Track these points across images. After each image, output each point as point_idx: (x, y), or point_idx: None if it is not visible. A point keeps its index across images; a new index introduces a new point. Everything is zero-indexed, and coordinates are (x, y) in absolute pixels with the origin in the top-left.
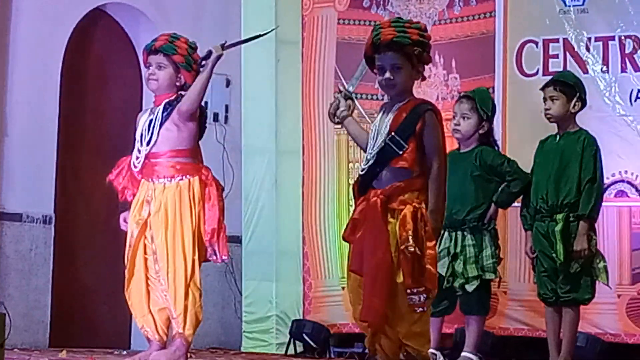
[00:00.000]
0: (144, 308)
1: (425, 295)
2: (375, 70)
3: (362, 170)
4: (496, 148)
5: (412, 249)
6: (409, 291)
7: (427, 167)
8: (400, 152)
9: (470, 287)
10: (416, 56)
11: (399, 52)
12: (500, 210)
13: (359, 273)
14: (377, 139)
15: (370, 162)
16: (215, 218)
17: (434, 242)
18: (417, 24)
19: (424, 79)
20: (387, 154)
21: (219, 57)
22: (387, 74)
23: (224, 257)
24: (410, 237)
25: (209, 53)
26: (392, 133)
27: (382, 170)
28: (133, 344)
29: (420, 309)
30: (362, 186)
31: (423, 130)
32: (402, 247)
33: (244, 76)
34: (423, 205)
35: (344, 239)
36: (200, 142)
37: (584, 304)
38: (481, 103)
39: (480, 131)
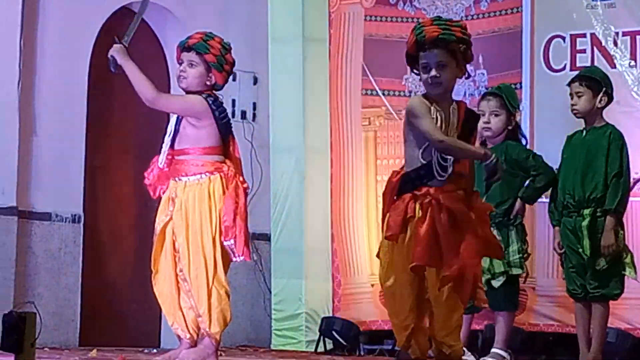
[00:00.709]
0: (175, 306)
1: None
2: (415, 69)
3: (441, 177)
4: (524, 142)
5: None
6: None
7: (470, 169)
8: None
9: (496, 283)
10: (461, 53)
11: (445, 49)
12: (528, 205)
13: (420, 270)
14: None
15: (450, 169)
16: (230, 215)
17: None
18: (458, 22)
19: (468, 76)
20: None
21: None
22: (433, 72)
23: (241, 257)
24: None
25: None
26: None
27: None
28: (163, 342)
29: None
30: (410, 184)
31: (475, 141)
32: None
33: (271, 74)
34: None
35: (389, 238)
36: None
37: (613, 300)
38: (510, 98)
39: (509, 127)
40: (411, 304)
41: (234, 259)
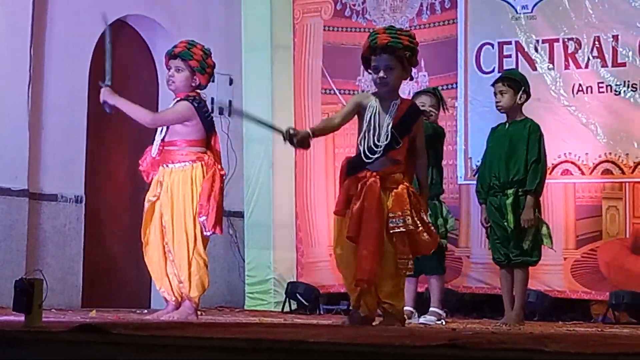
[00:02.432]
0: (162, 272)
1: (412, 262)
2: (369, 70)
3: (368, 159)
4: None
5: (411, 228)
6: (401, 258)
7: (411, 158)
8: (397, 147)
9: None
10: (407, 59)
11: (393, 54)
12: (462, 186)
13: (355, 240)
14: (380, 132)
15: (379, 153)
16: (204, 196)
17: (426, 213)
18: (407, 32)
19: (411, 78)
20: (387, 147)
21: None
22: (381, 73)
23: (211, 231)
24: (407, 217)
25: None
26: (393, 130)
27: (380, 158)
28: (153, 304)
29: (407, 272)
30: (355, 168)
31: (417, 133)
32: (391, 226)
33: (244, 76)
34: (410, 185)
35: (336, 213)
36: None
37: (532, 265)
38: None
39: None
40: (355, 270)
41: (205, 233)
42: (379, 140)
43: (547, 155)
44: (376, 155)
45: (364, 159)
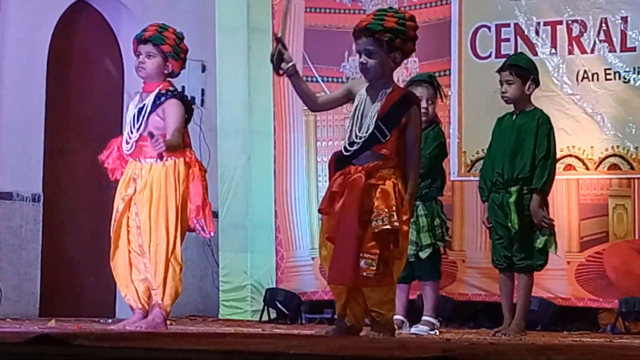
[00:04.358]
0: (127, 278)
1: (375, 264)
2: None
3: (347, 152)
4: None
5: (396, 225)
6: (365, 256)
7: (404, 153)
8: (384, 141)
9: (423, 255)
10: (387, 42)
11: (371, 37)
12: (455, 182)
13: (335, 241)
14: (362, 122)
15: (357, 145)
16: (200, 196)
17: (408, 216)
18: (401, 14)
19: (398, 65)
20: (372, 139)
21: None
22: (362, 58)
23: (211, 233)
24: (394, 214)
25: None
26: (379, 121)
27: (364, 152)
28: (118, 312)
29: (369, 274)
30: (341, 163)
31: (407, 124)
32: (377, 224)
33: (218, 62)
34: (400, 181)
35: (320, 211)
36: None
37: (537, 270)
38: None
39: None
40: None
41: (206, 236)
42: (360, 131)
43: (556, 151)
44: (355, 148)
45: (344, 152)
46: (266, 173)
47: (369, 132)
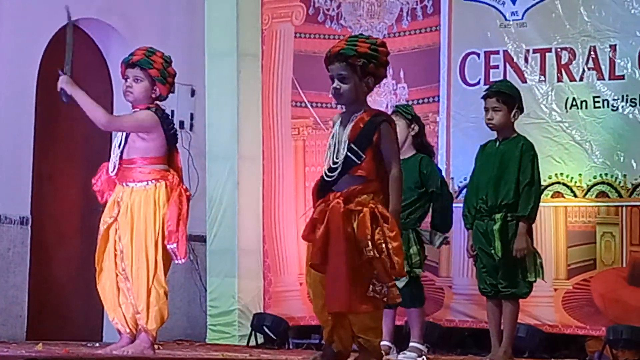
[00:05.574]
0: (115, 302)
1: (387, 287)
2: None
3: (328, 177)
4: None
5: (371, 254)
6: (373, 283)
7: (384, 172)
8: (359, 162)
9: (400, 284)
10: (360, 67)
11: (344, 62)
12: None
13: (320, 269)
14: (338, 148)
15: (337, 171)
16: (173, 221)
17: (395, 232)
18: (373, 40)
19: (371, 90)
20: (347, 163)
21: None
22: (335, 84)
23: (182, 259)
24: (369, 242)
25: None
26: (351, 144)
27: (342, 176)
28: (105, 336)
29: (382, 298)
30: (322, 190)
31: (380, 141)
32: (365, 251)
33: (207, 86)
34: (379, 205)
35: (303, 238)
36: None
37: (522, 298)
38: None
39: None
40: (324, 302)
41: (177, 262)
42: (337, 157)
43: (541, 177)
44: (335, 174)
45: (325, 177)
46: (255, 198)
47: (344, 155)
